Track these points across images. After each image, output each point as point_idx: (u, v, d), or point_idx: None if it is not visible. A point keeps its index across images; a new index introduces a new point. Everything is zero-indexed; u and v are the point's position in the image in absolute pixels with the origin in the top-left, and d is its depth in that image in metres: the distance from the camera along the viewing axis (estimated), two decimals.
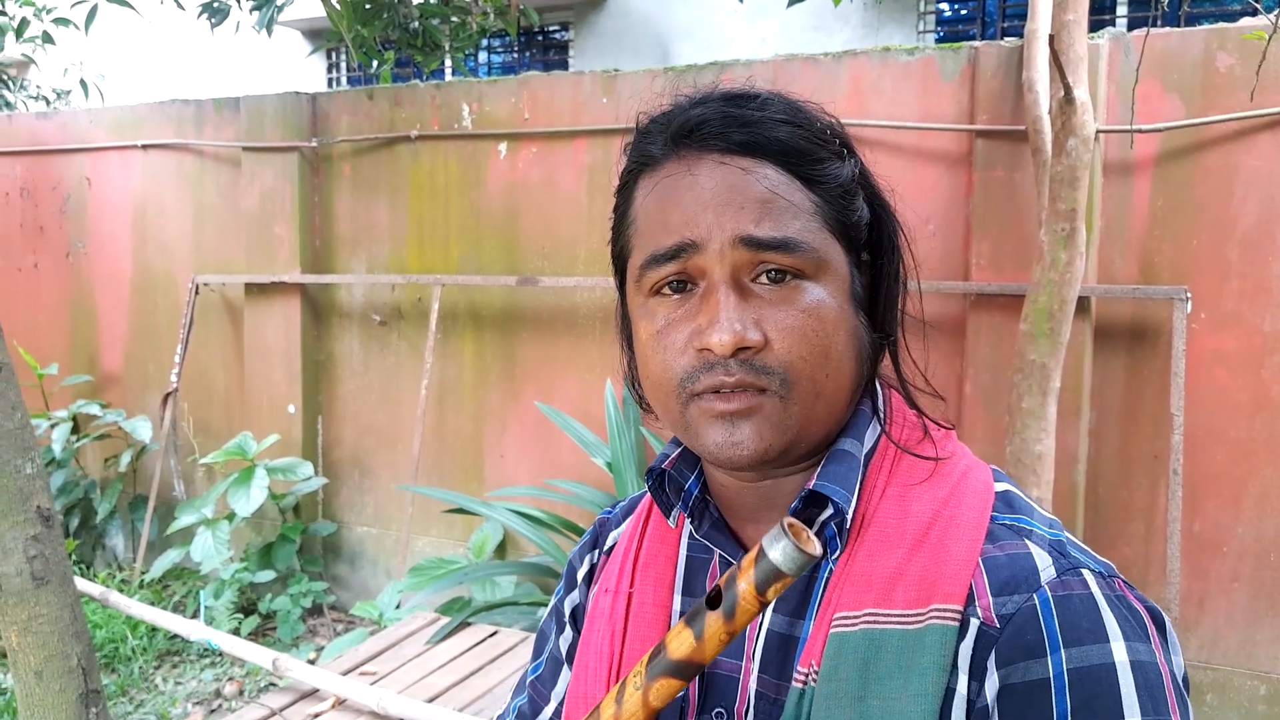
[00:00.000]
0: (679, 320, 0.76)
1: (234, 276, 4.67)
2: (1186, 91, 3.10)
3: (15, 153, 5.31)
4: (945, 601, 0.69)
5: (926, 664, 0.68)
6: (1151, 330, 3.20)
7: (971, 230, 3.35)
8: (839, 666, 0.70)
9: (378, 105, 4.41)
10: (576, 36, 8.21)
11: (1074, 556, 0.71)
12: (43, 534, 2.61)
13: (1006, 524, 0.74)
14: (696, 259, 0.74)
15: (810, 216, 0.75)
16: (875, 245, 0.81)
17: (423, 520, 4.43)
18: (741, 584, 0.62)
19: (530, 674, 0.98)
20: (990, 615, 0.69)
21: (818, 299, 0.74)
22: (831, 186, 0.77)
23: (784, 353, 0.73)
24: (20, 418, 2.60)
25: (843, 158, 0.79)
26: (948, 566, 0.71)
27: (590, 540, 0.98)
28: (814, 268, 0.75)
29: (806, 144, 0.76)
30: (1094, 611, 0.67)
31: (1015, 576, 0.70)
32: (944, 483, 0.76)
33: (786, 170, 0.76)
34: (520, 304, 4.19)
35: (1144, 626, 0.69)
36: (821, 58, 3.58)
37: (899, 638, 0.69)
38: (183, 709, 3.73)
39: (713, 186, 0.75)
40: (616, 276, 0.85)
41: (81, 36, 5.25)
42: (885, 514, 0.75)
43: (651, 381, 0.79)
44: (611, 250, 0.85)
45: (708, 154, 0.76)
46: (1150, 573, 3.22)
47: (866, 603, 0.72)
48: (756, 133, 0.76)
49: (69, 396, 5.12)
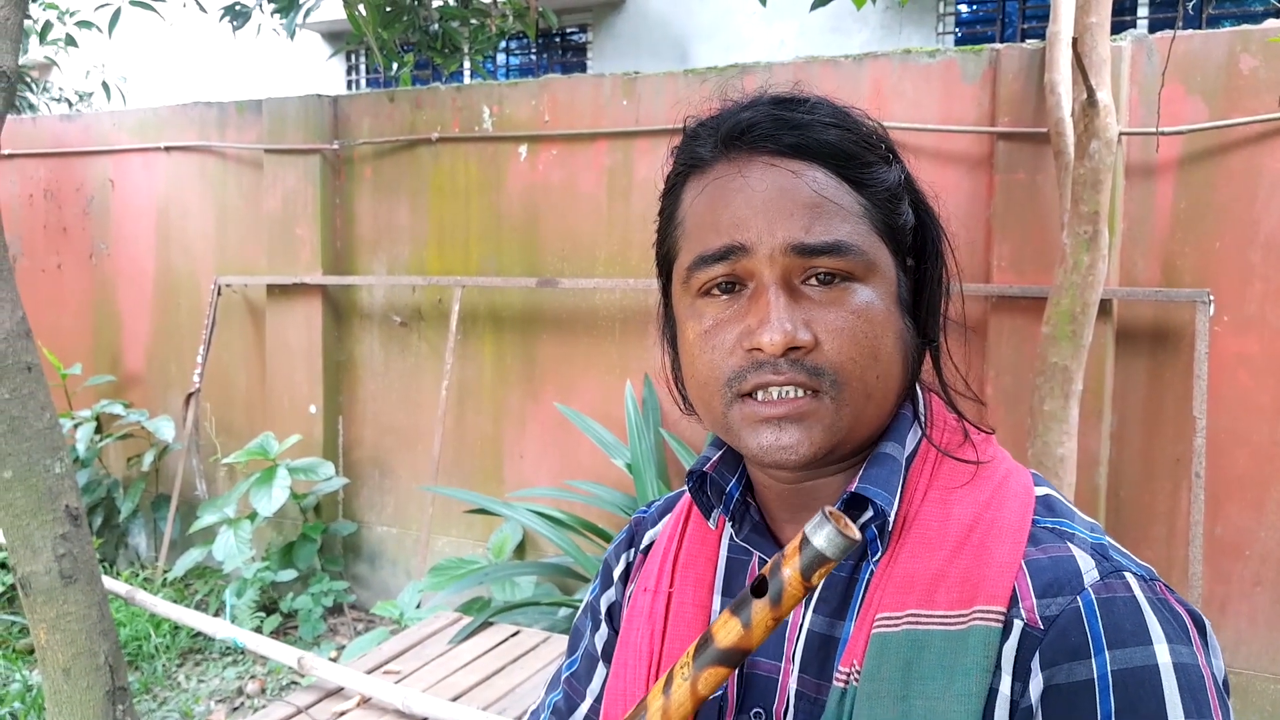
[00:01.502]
0: (728, 320, 0.76)
1: (256, 278, 4.71)
2: (1209, 94, 3.09)
3: (39, 155, 5.36)
4: (989, 603, 0.70)
5: (970, 664, 0.69)
6: (1174, 333, 3.19)
7: (993, 232, 3.35)
8: (881, 666, 0.71)
9: (399, 108, 4.44)
10: (595, 38, 8.22)
11: (1116, 560, 0.72)
12: (71, 533, 2.64)
13: (1048, 527, 0.75)
14: (745, 261, 0.75)
15: (859, 219, 0.76)
16: (919, 250, 0.82)
17: (442, 520, 4.46)
18: (787, 570, 0.64)
19: (565, 670, 0.99)
20: (1034, 616, 0.69)
21: (867, 301, 0.75)
22: (879, 190, 0.78)
23: (834, 353, 0.74)
24: (49, 418, 2.63)
25: (889, 162, 0.80)
26: (990, 568, 0.72)
27: (626, 539, 0.99)
28: (863, 270, 0.75)
29: (855, 147, 0.77)
30: (1137, 614, 0.68)
31: (1059, 578, 0.70)
32: (985, 486, 0.77)
33: (835, 173, 0.77)
34: (540, 305, 4.21)
35: (1185, 629, 0.69)
36: (842, 60, 3.59)
37: (942, 638, 0.70)
38: (206, 706, 3.76)
39: (763, 189, 0.75)
40: (661, 277, 0.86)
41: (104, 39, 5.30)
42: (927, 516, 0.76)
43: (697, 381, 0.79)
44: (657, 251, 0.86)
45: (757, 156, 0.77)
46: (1172, 576, 3.21)
47: (909, 604, 0.72)
48: (806, 135, 0.76)
49: (92, 396, 5.16)
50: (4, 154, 5.35)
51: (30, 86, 7.66)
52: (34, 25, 5.56)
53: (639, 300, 3.98)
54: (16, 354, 2.54)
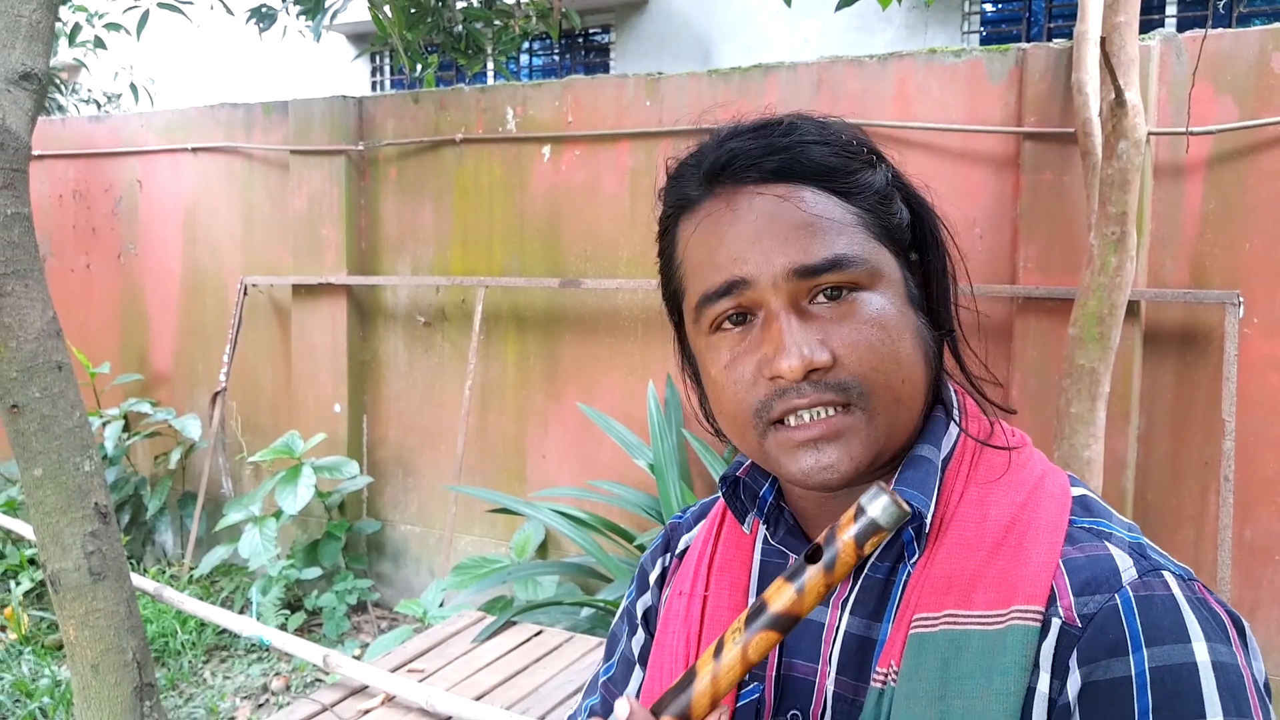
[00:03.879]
0: (744, 353, 0.77)
1: (282, 278, 4.75)
2: (1240, 93, 3.05)
3: (69, 155, 5.42)
4: (1027, 602, 0.70)
5: (1008, 664, 0.69)
6: (1203, 335, 3.16)
7: (1019, 233, 3.33)
8: (919, 666, 0.71)
9: (423, 109, 4.46)
10: (618, 39, 8.23)
11: (1154, 558, 0.72)
12: (100, 530, 2.67)
13: (1086, 527, 0.75)
14: (749, 293, 0.76)
15: (854, 229, 0.76)
16: (920, 244, 0.82)
17: (465, 519, 4.47)
18: (843, 537, 0.68)
19: (602, 675, 0.99)
20: (1072, 615, 0.69)
21: (878, 308, 0.75)
22: (868, 195, 0.78)
23: (854, 366, 0.74)
24: (79, 417, 2.66)
25: (873, 165, 0.80)
26: (1028, 568, 0.72)
27: (662, 544, 1.00)
28: (868, 278, 0.76)
29: (837, 159, 0.78)
30: (1175, 612, 0.68)
31: (1096, 577, 0.70)
32: (1021, 486, 0.77)
33: (822, 189, 0.77)
34: (563, 305, 4.22)
35: (1225, 629, 0.69)
36: (867, 60, 3.57)
37: (980, 638, 0.70)
38: (231, 703, 3.79)
39: (754, 219, 0.76)
40: (673, 317, 0.87)
41: (132, 40, 5.36)
42: (964, 517, 0.76)
43: (726, 416, 0.80)
44: (663, 293, 0.87)
45: (743, 187, 0.77)
46: (1200, 580, 3.18)
47: (946, 604, 0.72)
48: (787, 158, 0.77)
49: (120, 395, 5.22)
50: (34, 155, 5.41)
51: (59, 88, 7.75)
52: (63, 27, 5.62)
53: (661, 301, 3.97)
54: (47, 353, 2.57)
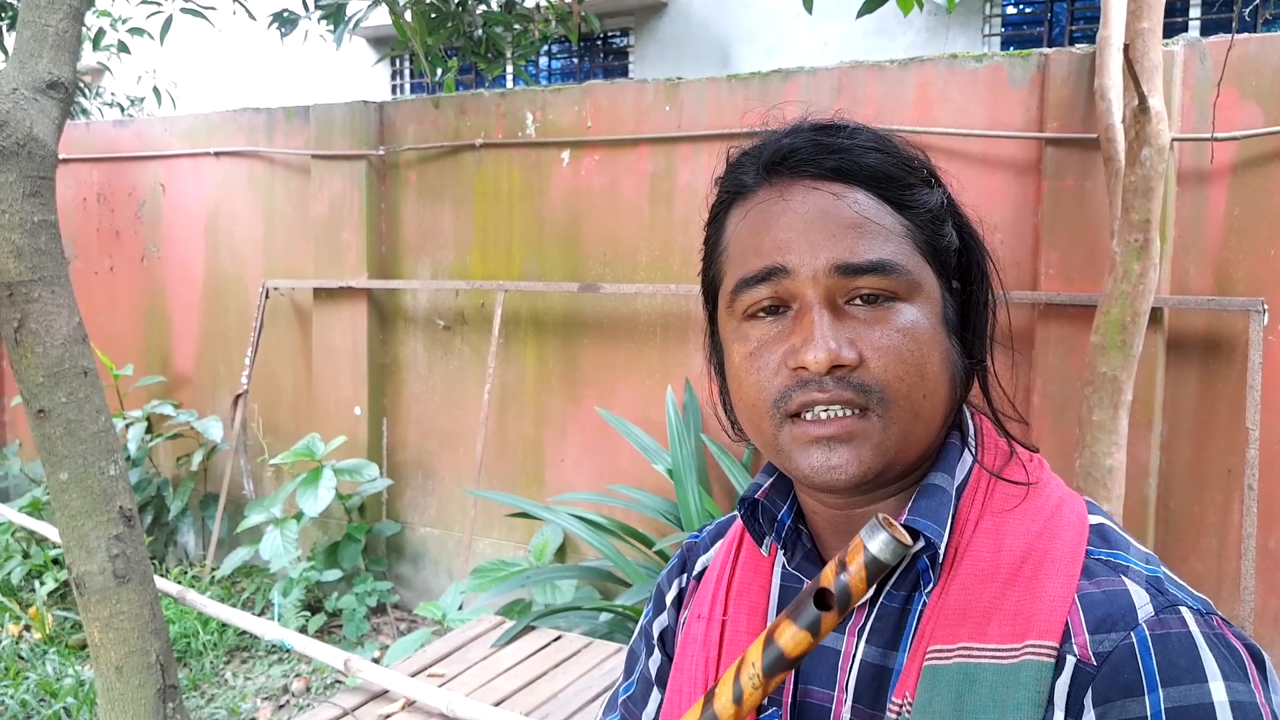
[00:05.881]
0: (772, 341, 0.77)
1: (303, 281, 4.78)
2: (1265, 98, 3.03)
3: (93, 159, 5.48)
4: (1041, 638, 0.70)
5: (1021, 699, 0.68)
6: (1226, 342, 3.13)
7: (1040, 239, 3.31)
8: (933, 699, 0.71)
9: (443, 114, 4.48)
10: (637, 42, 8.24)
11: (1172, 594, 0.71)
12: (124, 533, 2.69)
13: (1102, 559, 0.74)
14: (787, 283, 0.76)
15: (902, 240, 0.76)
16: (964, 273, 0.82)
17: (484, 522, 4.49)
18: (845, 576, 0.69)
19: (622, 692, 1.00)
20: (1087, 653, 0.69)
21: (912, 319, 0.75)
22: (921, 211, 0.78)
23: (880, 371, 0.74)
24: (104, 421, 2.68)
25: (931, 185, 0.80)
26: (1043, 602, 0.71)
27: (678, 564, 1.00)
28: (907, 289, 0.76)
29: (896, 170, 0.78)
30: (1192, 650, 0.67)
31: (1112, 614, 0.70)
32: (1038, 515, 0.76)
33: (877, 195, 0.77)
34: (581, 310, 4.23)
35: (1243, 666, 0.68)
36: (887, 65, 3.56)
37: (994, 672, 0.70)
38: (252, 704, 3.82)
39: (805, 211, 0.76)
40: (708, 305, 0.87)
41: (155, 44, 5.40)
42: (978, 547, 0.76)
43: (745, 403, 0.79)
44: (702, 279, 0.87)
45: (799, 180, 0.78)
46: (1223, 589, 3.16)
47: (961, 636, 0.72)
48: (847, 159, 0.77)
49: (143, 397, 5.26)
50: (59, 159, 5.46)
51: (83, 92, 7.82)
52: (87, 32, 5.68)
53: (680, 305, 3.99)
54: (74, 359, 2.60)
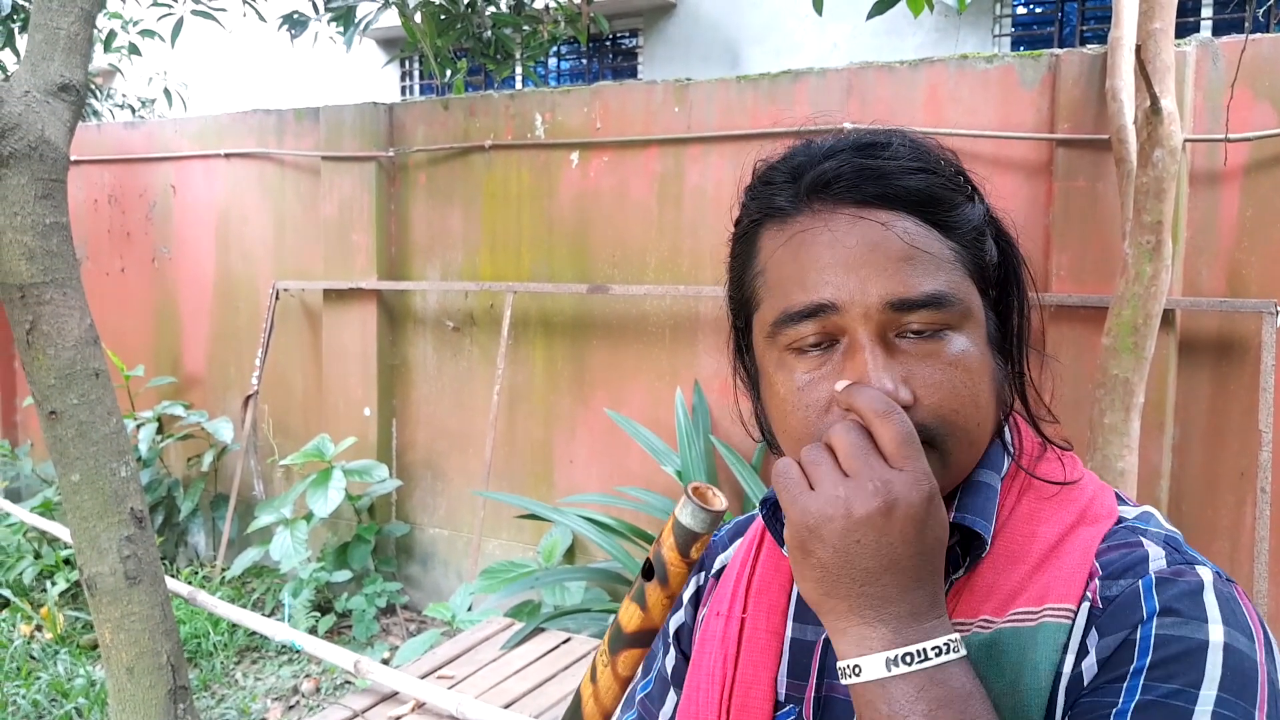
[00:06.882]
0: (821, 379, 0.74)
1: (313, 282, 4.79)
2: (1279, 99, 3.01)
3: (104, 161, 5.50)
4: (1060, 601, 0.71)
5: (1039, 659, 0.70)
6: (1239, 344, 3.11)
7: (1051, 241, 3.30)
8: None
9: (453, 115, 4.48)
10: (646, 43, 8.24)
11: (1189, 554, 0.73)
12: (136, 535, 2.70)
13: (1126, 525, 0.76)
14: (836, 319, 0.73)
15: (952, 266, 0.75)
16: (1002, 281, 0.81)
17: (493, 523, 4.49)
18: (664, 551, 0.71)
19: (640, 690, 1.00)
20: (1097, 598, 0.71)
21: (963, 349, 0.74)
22: (966, 231, 0.76)
23: (936, 408, 0.73)
24: (115, 422, 2.69)
25: (972, 199, 0.78)
26: (1064, 572, 0.73)
27: (696, 562, 1.00)
28: (959, 319, 0.74)
29: (941, 191, 0.76)
30: (1197, 595, 0.69)
31: (1126, 565, 0.72)
32: (1072, 507, 0.77)
33: (923, 219, 0.75)
34: (591, 311, 4.23)
35: (1250, 627, 0.69)
36: (898, 66, 3.55)
37: (1011, 635, 0.71)
38: (262, 704, 3.83)
39: (853, 244, 0.73)
40: (737, 320, 0.84)
41: (166, 46, 5.42)
42: (1011, 533, 0.77)
43: (790, 436, 0.78)
44: (730, 294, 0.84)
45: (842, 208, 0.75)
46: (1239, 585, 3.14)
47: (983, 611, 0.73)
48: (891, 184, 0.74)
49: (154, 397, 5.29)
50: (71, 161, 5.49)
51: (94, 93, 7.86)
52: (98, 34, 5.70)
53: (689, 307, 3.98)
54: (85, 361, 2.61)
